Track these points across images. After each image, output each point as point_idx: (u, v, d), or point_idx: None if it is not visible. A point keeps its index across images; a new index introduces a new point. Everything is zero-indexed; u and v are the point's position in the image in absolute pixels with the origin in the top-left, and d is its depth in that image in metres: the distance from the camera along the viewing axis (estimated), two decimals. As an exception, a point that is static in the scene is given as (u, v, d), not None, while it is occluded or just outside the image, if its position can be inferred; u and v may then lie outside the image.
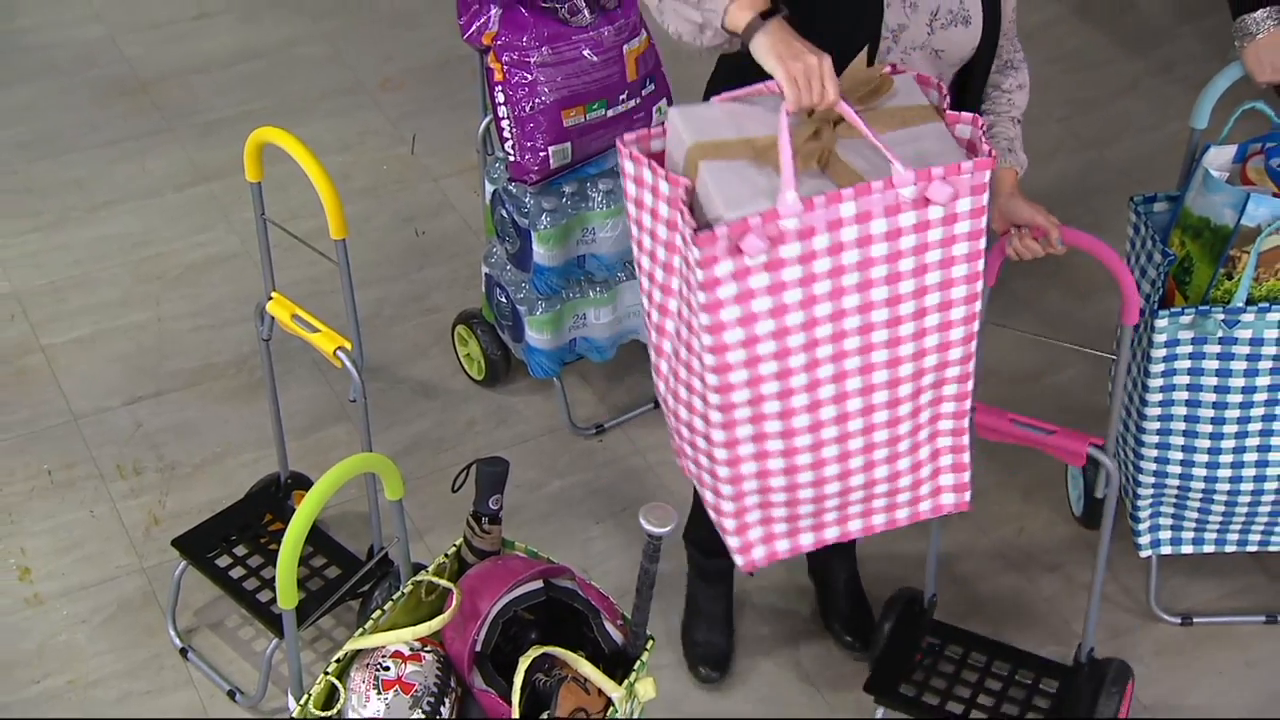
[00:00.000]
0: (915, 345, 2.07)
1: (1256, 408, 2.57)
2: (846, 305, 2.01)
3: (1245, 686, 2.77)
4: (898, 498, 2.24)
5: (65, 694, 2.76)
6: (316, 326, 2.55)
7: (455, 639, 2.08)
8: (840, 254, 1.97)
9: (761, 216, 1.90)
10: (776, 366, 2.02)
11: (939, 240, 1.99)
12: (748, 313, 1.96)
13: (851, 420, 2.10)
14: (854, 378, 2.06)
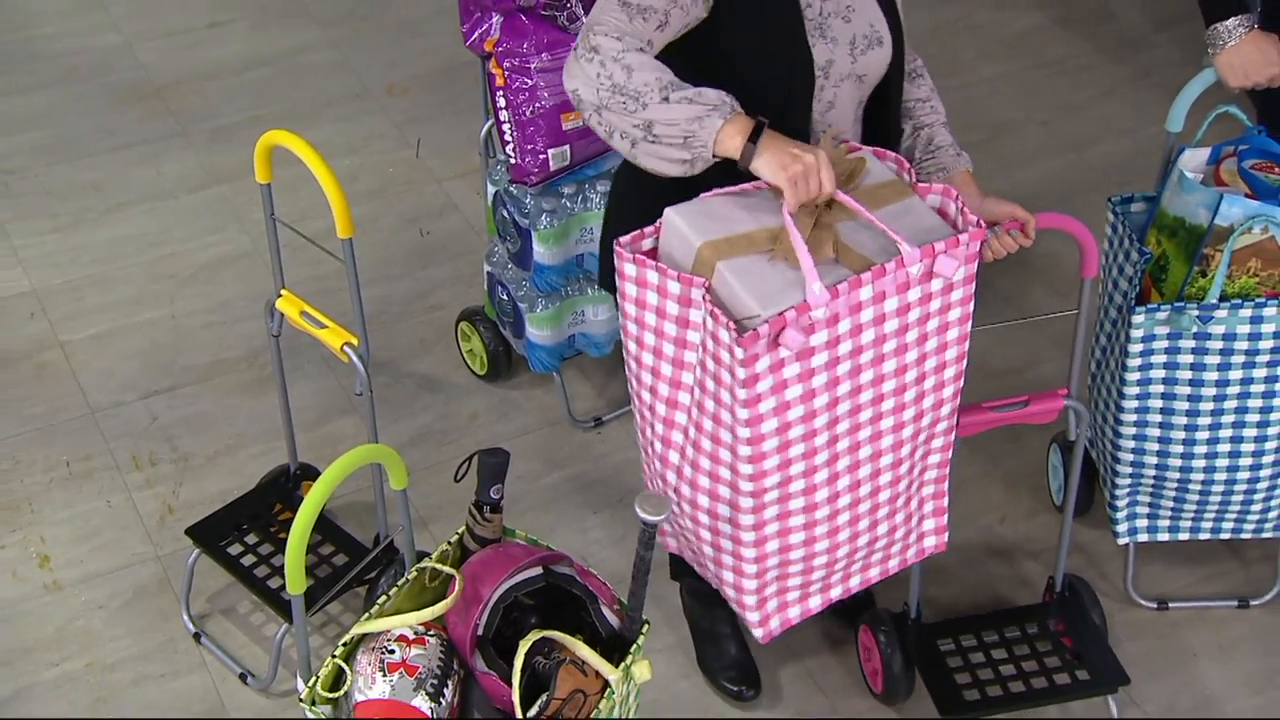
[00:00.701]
0: (915, 408, 2.14)
1: (1229, 400, 2.57)
2: (863, 380, 2.07)
3: (1219, 668, 2.77)
4: (891, 549, 2.31)
5: (83, 677, 2.76)
6: (324, 323, 2.55)
7: (458, 623, 2.08)
8: (860, 335, 2.02)
9: (796, 310, 1.93)
10: (804, 448, 2.07)
11: (939, 309, 2.06)
12: (781, 402, 2.00)
13: (862, 486, 2.18)
14: (865, 446, 2.13)
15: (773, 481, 2.07)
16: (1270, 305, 2.46)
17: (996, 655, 2.65)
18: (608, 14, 2.04)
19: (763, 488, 2.07)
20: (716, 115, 1.97)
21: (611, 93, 1.98)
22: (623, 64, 1.99)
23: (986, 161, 3.99)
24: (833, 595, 2.32)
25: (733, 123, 1.97)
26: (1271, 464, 2.64)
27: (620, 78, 1.98)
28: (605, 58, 1.99)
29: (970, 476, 3.13)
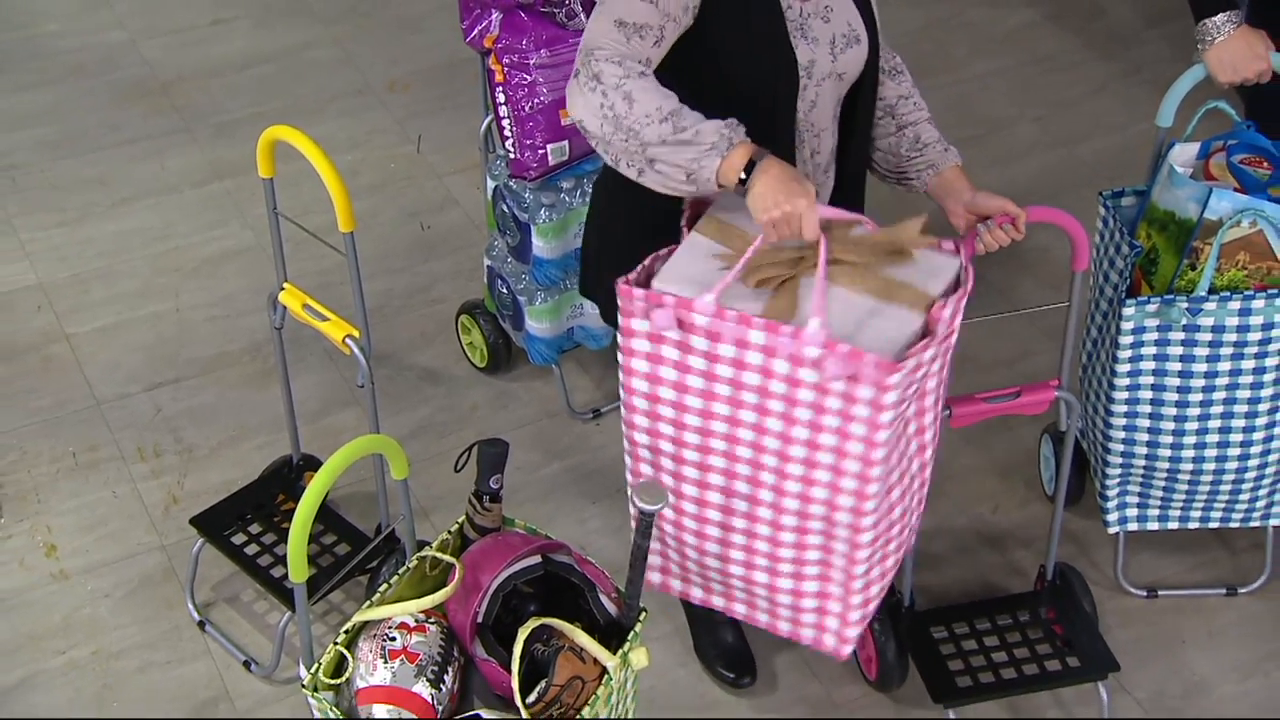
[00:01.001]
0: (801, 486, 2.10)
1: (1218, 391, 2.57)
2: (743, 417, 2.07)
3: (1207, 655, 2.78)
4: (779, 610, 2.29)
5: (89, 664, 2.76)
6: (326, 315, 2.55)
7: (458, 611, 2.08)
8: (742, 371, 2.03)
9: (677, 300, 1.99)
10: (673, 433, 2.13)
11: (835, 410, 2.00)
12: (654, 374, 2.09)
13: (735, 517, 2.18)
14: (742, 482, 2.14)
15: (642, 440, 2.17)
16: (1258, 298, 2.46)
17: (989, 642, 2.65)
18: (605, 36, 2.05)
19: (633, 439, 2.17)
20: (714, 154, 1.98)
21: (614, 127, 2.00)
22: (623, 92, 2.00)
23: (980, 157, 3.99)
24: (714, 602, 2.34)
25: (730, 159, 1.99)
26: (1259, 454, 2.64)
27: (622, 108, 2.00)
28: (607, 87, 2.00)
29: (963, 466, 3.13)
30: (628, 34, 2.04)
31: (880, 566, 2.22)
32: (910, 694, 2.67)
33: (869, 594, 2.23)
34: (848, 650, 2.28)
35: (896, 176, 2.36)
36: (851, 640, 2.27)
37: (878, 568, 2.21)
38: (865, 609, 2.25)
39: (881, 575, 2.24)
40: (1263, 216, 2.41)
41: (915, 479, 2.21)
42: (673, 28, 2.09)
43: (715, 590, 2.33)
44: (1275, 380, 2.56)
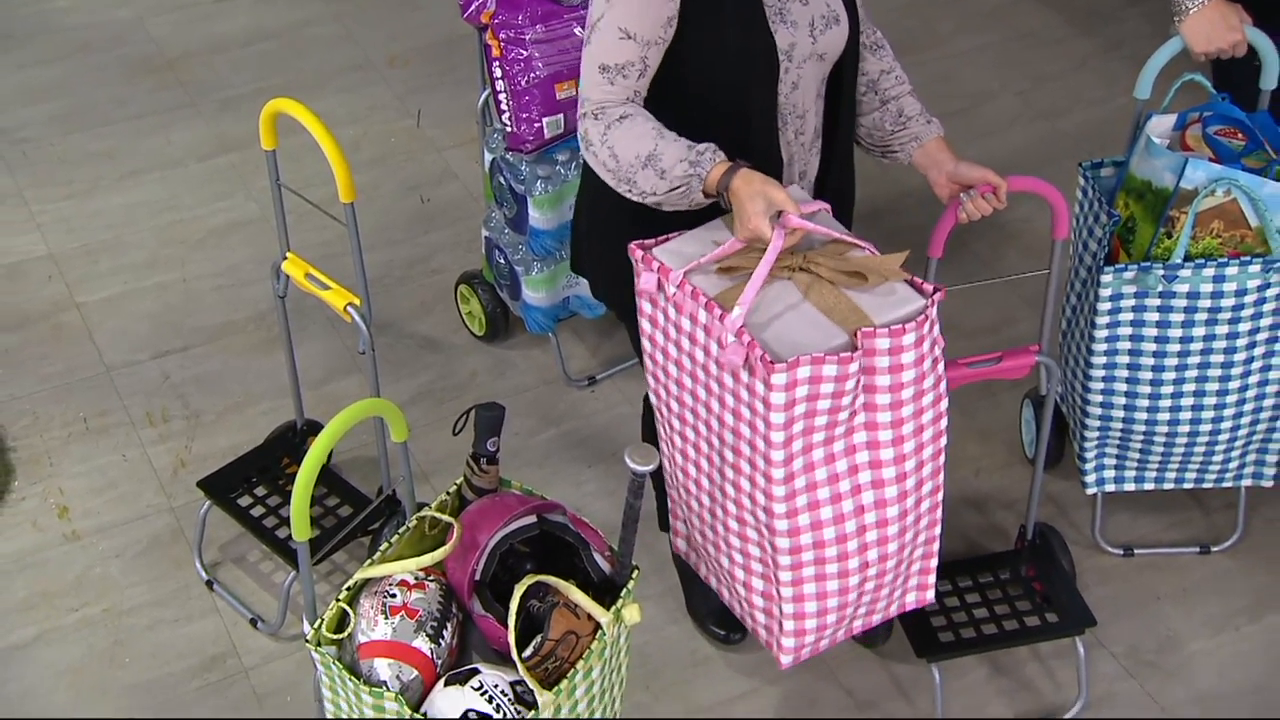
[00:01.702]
0: (734, 473, 2.12)
1: (1193, 356, 2.57)
2: (698, 391, 2.13)
3: (1180, 610, 2.79)
4: (739, 597, 2.30)
5: (101, 621, 2.77)
6: (328, 284, 2.55)
7: (456, 569, 2.09)
8: (694, 346, 2.10)
9: (660, 267, 2.09)
10: (664, 394, 2.22)
11: (745, 400, 2.03)
12: (653, 330, 2.17)
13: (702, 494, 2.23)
14: (704, 459, 2.21)
15: (653, 384, 2.25)
16: (1232, 265, 2.46)
17: (970, 599, 2.66)
18: (591, 86, 2.14)
19: (651, 385, 2.24)
20: (695, 182, 2.08)
21: (616, 180, 2.14)
22: (608, 148, 2.12)
23: (964, 130, 3.98)
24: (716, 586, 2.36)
25: (708, 183, 2.07)
26: (1232, 416, 2.65)
27: (612, 163, 2.13)
28: (594, 145, 2.14)
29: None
30: (611, 77, 2.12)
31: (817, 585, 2.14)
32: (895, 649, 2.69)
33: (803, 609, 2.16)
34: (785, 661, 2.23)
35: (881, 150, 2.36)
36: (788, 651, 2.21)
37: (811, 584, 2.13)
38: (801, 623, 2.18)
39: (819, 596, 2.15)
40: (1237, 185, 2.41)
41: (872, 513, 2.11)
42: (656, 51, 2.13)
43: (710, 569, 2.37)
44: (1248, 345, 2.56)
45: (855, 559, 2.14)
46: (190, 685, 2.66)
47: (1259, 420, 2.67)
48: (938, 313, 2.03)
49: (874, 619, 2.29)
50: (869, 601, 2.24)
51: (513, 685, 1.97)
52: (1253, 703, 2.63)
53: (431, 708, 1.95)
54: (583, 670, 1.99)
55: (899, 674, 2.67)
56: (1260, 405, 2.65)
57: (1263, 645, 2.72)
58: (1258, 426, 2.69)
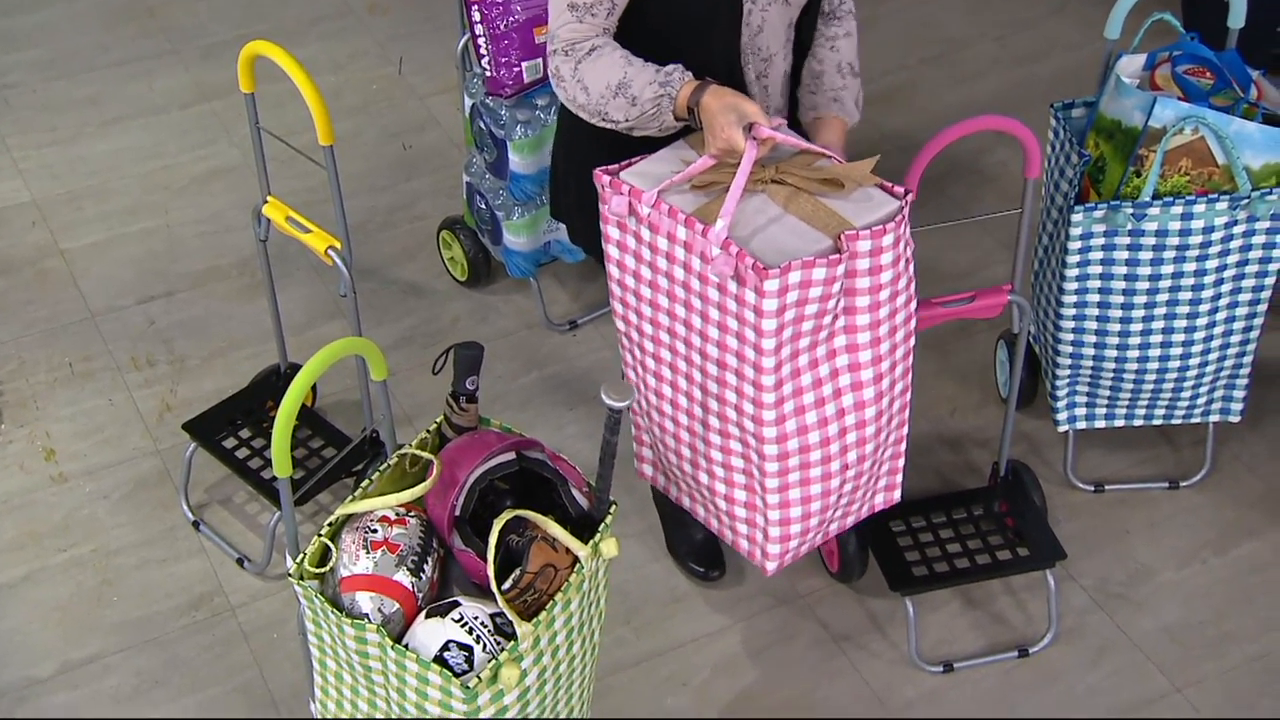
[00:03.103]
0: (718, 387, 2.15)
1: (1161, 294, 2.58)
2: (677, 311, 2.15)
3: (1149, 544, 2.82)
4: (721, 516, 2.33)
5: (89, 561, 2.78)
6: (309, 227, 2.54)
7: (436, 505, 2.10)
8: (672, 265, 2.10)
9: (630, 189, 2.08)
10: (637, 316, 2.22)
11: (733, 312, 2.04)
12: (622, 258, 2.18)
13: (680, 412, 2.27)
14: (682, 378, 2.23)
15: (620, 325, 2.27)
16: (1199, 202, 2.47)
17: (944, 535, 2.69)
18: (560, 24, 2.15)
19: (616, 322, 2.27)
20: (666, 103, 2.09)
21: (588, 114, 2.15)
22: (578, 82, 2.13)
23: (942, 75, 3.98)
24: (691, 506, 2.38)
25: (679, 102, 2.09)
26: (1200, 353, 2.67)
27: (583, 97, 2.14)
28: (565, 81, 2.15)
29: (923, 372, 3.15)
30: (580, 15, 2.13)
31: (801, 490, 2.18)
32: (870, 585, 2.71)
33: (788, 514, 2.20)
34: (770, 567, 2.27)
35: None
36: (774, 557, 2.25)
37: (796, 489, 2.18)
38: (786, 529, 2.22)
39: (803, 500, 2.19)
40: (1204, 124, 2.41)
41: (851, 415, 2.14)
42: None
43: (684, 490, 2.39)
44: (1216, 282, 2.58)
45: (836, 461, 2.18)
46: (177, 623, 2.68)
47: (1226, 357, 2.69)
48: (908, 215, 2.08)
49: (848, 520, 2.33)
50: (845, 504, 2.28)
51: (492, 617, 1.98)
52: (1216, 632, 2.67)
53: (413, 639, 1.97)
54: (561, 602, 2.01)
55: (874, 608, 2.70)
56: (1227, 342, 2.67)
57: (1227, 577, 2.76)
58: (1225, 363, 2.71)
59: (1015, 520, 2.68)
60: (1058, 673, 2.60)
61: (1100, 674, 2.60)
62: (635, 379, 2.32)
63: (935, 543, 2.67)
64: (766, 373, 2.05)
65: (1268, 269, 2.58)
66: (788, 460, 2.15)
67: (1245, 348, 2.70)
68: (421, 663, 1.91)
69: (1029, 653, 2.62)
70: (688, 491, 2.38)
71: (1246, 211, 2.49)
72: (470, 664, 1.93)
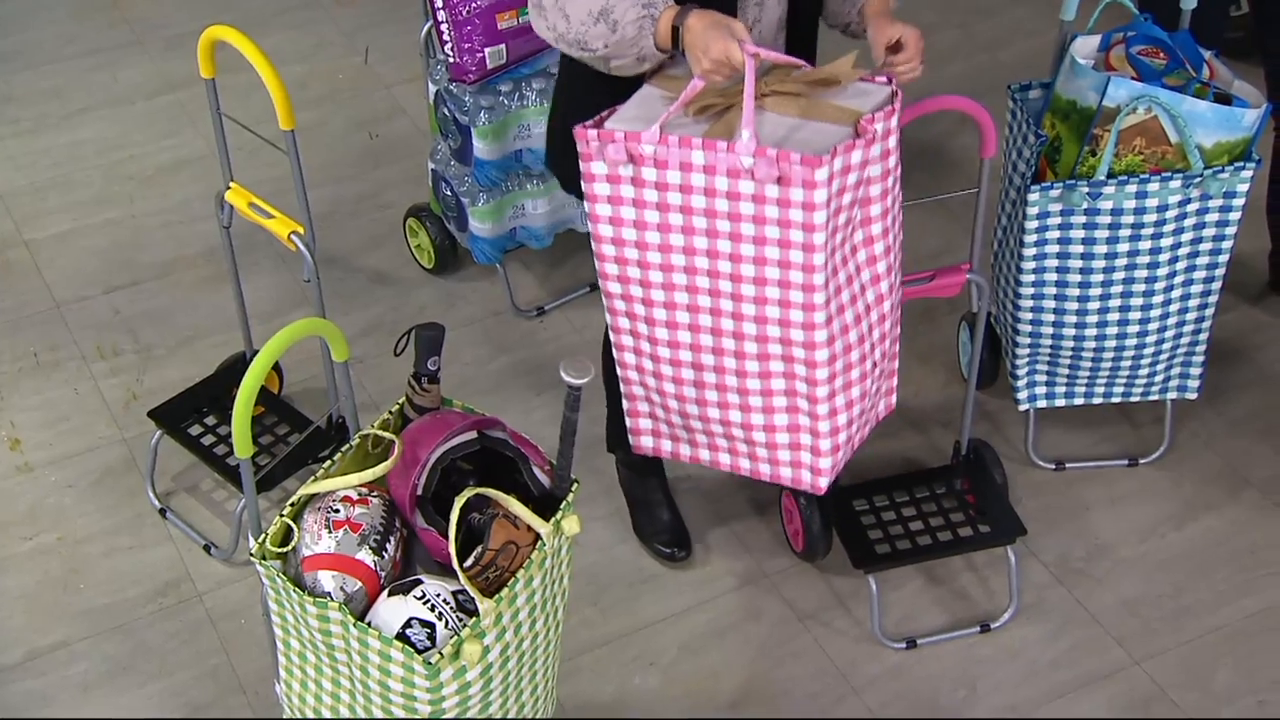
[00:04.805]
0: (756, 309, 2.10)
1: (1118, 272, 2.62)
2: (696, 245, 2.08)
3: (1108, 519, 2.86)
4: (757, 451, 2.28)
5: (55, 549, 2.79)
6: (271, 213, 2.55)
7: (399, 484, 2.11)
8: (690, 195, 2.04)
9: (626, 135, 2.03)
10: (640, 274, 2.15)
11: (775, 219, 2.01)
12: (616, 215, 2.11)
13: (704, 354, 2.18)
14: (705, 315, 2.14)
15: (615, 289, 2.19)
16: (1153, 181, 2.51)
17: (906, 513, 2.72)
18: None
19: (609, 290, 2.20)
20: (645, 34, 2.06)
21: (566, 44, 2.12)
22: (559, 7, 2.09)
23: (906, 61, 4.00)
24: (700, 456, 2.35)
25: (658, 31, 2.06)
26: (1157, 330, 2.70)
27: (563, 25, 2.10)
28: (546, 9, 2.11)
29: (886, 353, 3.19)
30: None
31: (845, 395, 2.18)
32: (833, 563, 2.74)
33: (836, 423, 2.20)
34: (824, 483, 2.25)
35: (841, 26, 2.36)
36: (826, 472, 2.24)
37: (841, 395, 2.18)
38: (835, 439, 2.21)
39: (848, 405, 2.20)
40: (1157, 103, 2.45)
41: (874, 310, 2.19)
42: None
43: (701, 443, 2.33)
44: (1170, 260, 2.61)
45: (870, 360, 2.20)
46: (145, 609, 2.68)
47: (1182, 334, 2.73)
48: None
49: (866, 430, 2.33)
50: (868, 409, 2.29)
51: (455, 594, 2.00)
52: (1175, 606, 2.71)
53: (375, 617, 1.98)
54: (523, 579, 2.02)
55: (838, 586, 2.73)
56: (1183, 319, 2.70)
57: (1185, 551, 2.80)
58: (1181, 340, 2.74)
59: (976, 498, 2.72)
60: (1019, 647, 2.63)
61: (1060, 648, 2.63)
62: (630, 345, 2.25)
63: (898, 521, 2.70)
64: (818, 271, 2.02)
65: (1221, 246, 2.62)
66: (834, 365, 2.13)
67: (1201, 325, 2.74)
68: (384, 640, 1.93)
69: (990, 628, 2.65)
70: (706, 444, 2.33)
71: (1199, 190, 2.53)
72: (433, 641, 1.95)
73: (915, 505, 2.73)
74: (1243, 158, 2.53)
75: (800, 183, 1.96)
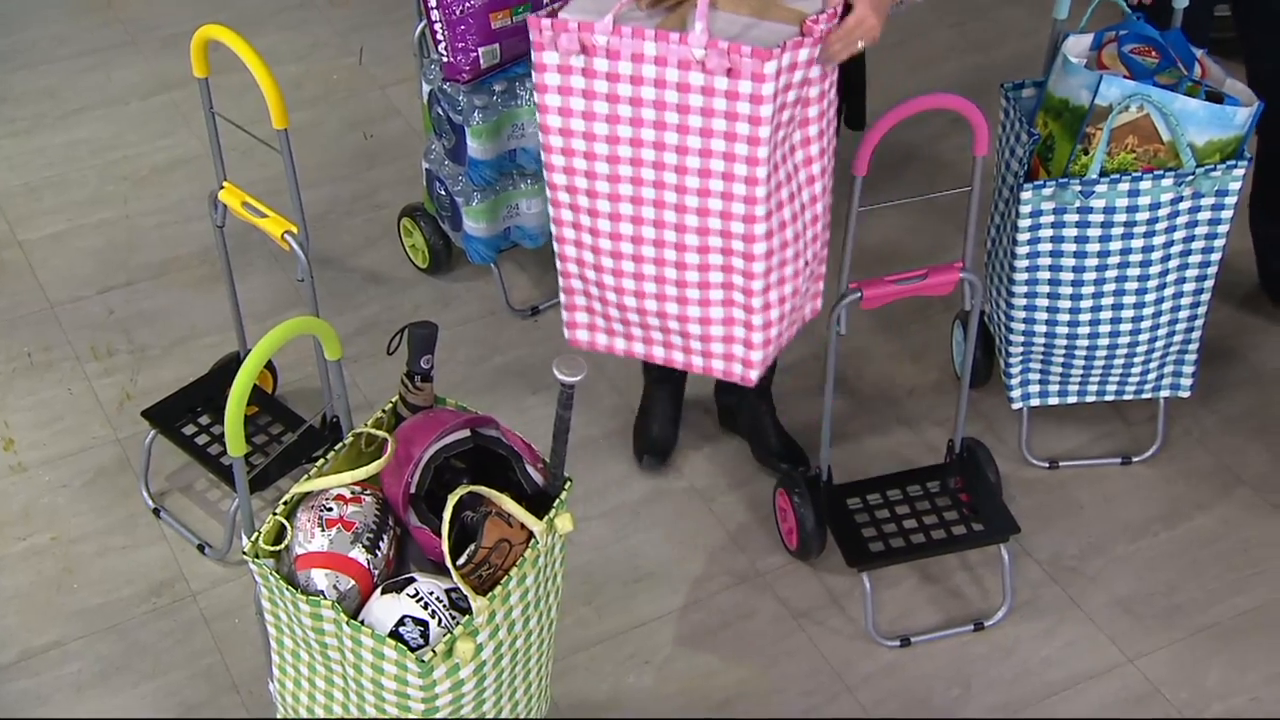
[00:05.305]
0: (700, 200, 2.17)
1: (1110, 270, 2.62)
2: (644, 136, 2.14)
3: (1101, 517, 2.86)
4: (691, 344, 2.34)
5: (49, 549, 2.78)
6: (265, 212, 2.55)
7: (392, 483, 2.11)
8: (640, 87, 2.10)
9: (579, 24, 2.08)
10: (586, 165, 2.20)
11: (723, 111, 2.07)
12: (565, 105, 2.16)
13: (645, 245, 2.24)
14: (648, 206, 2.20)
15: (560, 180, 2.24)
16: (1145, 179, 2.51)
17: (900, 511, 2.71)
18: None
19: (553, 182, 2.25)
20: None
21: None
22: None
23: (900, 62, 4.00)
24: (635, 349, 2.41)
25: None
26: (1149, 328, 2.71)
27: None
28: None
29: (882, 353, 3.19)
30: None
31: (779, 290, 2.27)
32: (828, 561, 2.74)
33: (769, 316, 2.28)
34: (754, 375, 2.33)
35: None
36: (756, 365, 2.32)
37: (775, 290, 2.26)
38: (768, 332, 2.29)
39: (780, 300, 2.28)
40: (1149, 101, 2.45)
41: (808, 210, 2.27)
42: None
43: (636, 336, 2.40)
44: (1163, 258, 2.61)
45: (801, 259, 2.28)
46: (139, 609, 2.68)
47: (1175, 332, 2.73)
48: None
49: (793, 330, 2.40)
50: (797, 307, 2.37)
51: (448, 592, 2.00)
52: (1167, 603, 2.71)
53: (368, 615, 1.98)
54: (516, 577, 2.02)
55: (832, 585, 2.73)
56: (1175, 317, 2.71)
57: (1178, 549, 2.80)
58: (1174, 338, 2.75)
59: (970, 496, 2.72)
60: (1012, 645, 2.63)
61: (1054, 646, 2.63)
62: (571, 238, 2.31)
63: (891, 519, 2.70)
64: (761, 164, 2.09)
65: (1213, 244, 2.62)
66: (770, 259, 2.21)
67: (1194, 323, 2.74)
68: (376, 638, 1.93)
69: (984, 626, 2.65)
70: (641, 337, 2.40)
71: (1191, 188, 2.53)
72: (426, 639, 1.94)
73: (909, 503, 2.73)
74: (1235, 156, 2.54)
75: (749, 75, 2.03)
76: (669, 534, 2.83)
